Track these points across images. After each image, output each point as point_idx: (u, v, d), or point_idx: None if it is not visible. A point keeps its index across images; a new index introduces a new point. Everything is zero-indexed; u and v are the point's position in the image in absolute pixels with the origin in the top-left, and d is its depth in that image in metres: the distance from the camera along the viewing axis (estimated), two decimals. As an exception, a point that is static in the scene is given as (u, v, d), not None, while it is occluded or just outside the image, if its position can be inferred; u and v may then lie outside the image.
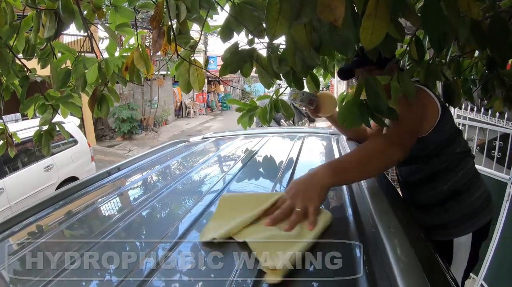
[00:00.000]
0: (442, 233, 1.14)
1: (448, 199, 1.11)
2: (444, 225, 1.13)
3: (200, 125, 12.56)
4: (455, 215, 1.11)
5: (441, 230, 1.14)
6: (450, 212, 1.12)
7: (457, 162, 1.11)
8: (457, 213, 1.11)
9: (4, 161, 3.64)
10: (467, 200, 1.11)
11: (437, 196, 1.12)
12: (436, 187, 1.12)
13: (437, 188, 1.12)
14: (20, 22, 0.98)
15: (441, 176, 1.11)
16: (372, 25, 0.53)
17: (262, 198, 0.75)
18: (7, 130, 1.18)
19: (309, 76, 1.09)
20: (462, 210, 1.11)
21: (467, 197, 1.11)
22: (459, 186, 1.10)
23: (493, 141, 2.52)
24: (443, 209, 1.12)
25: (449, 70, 1.12)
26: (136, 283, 0.55)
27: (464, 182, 1.11)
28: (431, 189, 1.13)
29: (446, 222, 1.13)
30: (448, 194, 1.11)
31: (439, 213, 1.13)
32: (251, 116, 1.25)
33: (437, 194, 1.12)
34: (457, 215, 1.11)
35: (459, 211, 1.11)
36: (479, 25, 0.74)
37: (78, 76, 1.05)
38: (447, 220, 1.13)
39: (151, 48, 0.82)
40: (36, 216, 0.95)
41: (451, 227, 1.12)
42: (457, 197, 1.11)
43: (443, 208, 1.12)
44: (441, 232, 1.14)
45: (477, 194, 1.12)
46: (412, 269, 0.52)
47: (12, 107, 3.14)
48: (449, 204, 1.11)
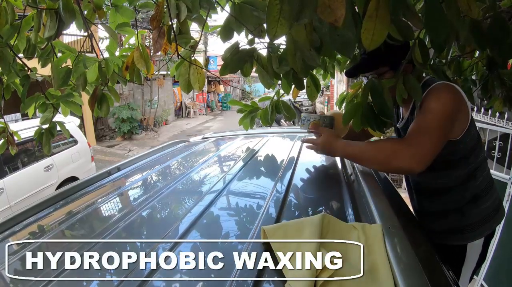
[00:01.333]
0: (459, 237, 1.09)
1: (468, 203, 1.05)
2: (460, 229, 1.08)
3: (200, 125, 12.56)
4: (473, 219, 1.06)
5: (457, 235, 1.09)
6: (467, 217, 1.06)
7: (480, 167, 1.05)
8: (475, 217, 1.06)
9: (4, 161, 3.64)
10: (485, 204, 1.06)
11: (458, 202, 1.06)
12: (458, 194, 1.05)
13: (459, 194, 1.05)
14: (21, 21, 0.98)
15: (465, 183, 1.04)
16: (373, 27, 0.53)
17: (307, 223, 0.67)
18: (7, 128, 1.18)
19: (309, 80, 1.08)
20: (480, 214, 1.06)
21: (485, 201, 1.06)
22: (480, 191, 1.05)
23: (493, 141, 2.52)
24: (461, 214, 1.06)
25: (449, 70, 1.12)
26: (136, 283, 0.55)
27: (484, 187, 1.06)
28: (452, 196, 1.06)
29: (463, 227, 1.07)
30: (469, 199, 1.05)
31: (457, 218, 1.07)
32: (252, 117, 1.25)
33: (458, 201, 1.06)
34: (475, 219, 1.06)
35: (477, 215, 1.06)
36: (479, 25, 0.74)
37: (78, 75, 1.05)
38: (464, 224, 1.07)
39: (151, 48, 0.82)
40: (36, 216, 0.95)
41: (468, 231, 1.08)
42: (476, 201, 1.05)
43: (461, 213, 1.06)
44: (457, 237, 1.09)
45: (494, 196, 1.09)
46: (412, 269, 0.52)
47: (12, 107, 3.14)
48: (467, 209, 1.06)
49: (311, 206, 0.92)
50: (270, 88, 1.11)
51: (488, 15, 0.77)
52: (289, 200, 0.90)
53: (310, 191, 1.02)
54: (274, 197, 0.91)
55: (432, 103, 0.90)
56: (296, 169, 1.11)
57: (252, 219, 0.77)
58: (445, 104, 0.89)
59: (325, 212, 0.89)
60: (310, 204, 0.94)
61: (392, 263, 0.53)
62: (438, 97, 0.90)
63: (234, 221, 0.83)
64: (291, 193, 0.96)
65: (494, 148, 2.45)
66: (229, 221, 0.82)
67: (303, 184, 1.04)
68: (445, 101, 0.89)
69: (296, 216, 0.84)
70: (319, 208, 0.92)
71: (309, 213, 0.87)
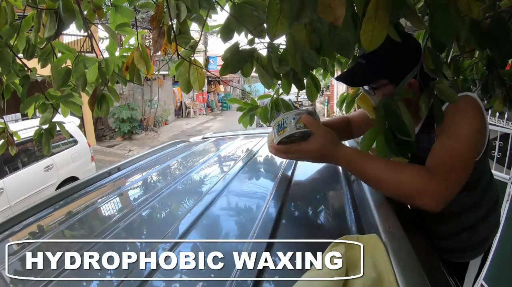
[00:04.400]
0: (466, 255, 1.03)
1: (480, 221, 0.98)
2: (469, 247, 1.01)
3: (200, 125, 12.56)
4: (482, 235, 1.01)
5: (467, 252, 1.02)
6: (478, 234, 1.00)
7: (490, 183, 0.98)
8: (484, 233, 1.01)
9: (4, 161, 3.64)
10: (494, 217, 1.01)
11: (472, 222, 0.98)
12: (473, 215, 0.96)
13: (474, 215, 0.96)
14: (21, 21, 0.98)
15: (479, 203, 0.95)
16: (372, 28, 0.53)
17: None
18: (7, 129, 1.18)
19: (309, 80, 1.08)
20: (488, 228, 1.01)
21: (495, 214, 1.01)
22: (490, 207, 0.99)
23: (493, 141, 2.52)
24: (473, 233, 0.99)
25: (449, 70, 1.12)
26: (136, 283, 0.55)
27: (494, 201, 1.00)
28: (467, 219, 0.97)
29: (474, 243, 1.01)
30: (482, 217, 0.97)
31: (469, 237, 0.99)
32: (252, 115, 1.25)
33: (473, 220, 0.98)
34: (484, 235, 1.01)
35: (485, 230, 1.01)
36: (479, 25, 0.74)
37: (78, 75, 1.05)
38: (474, 241, 1.00)
39: (151, 48, 0.82)
40: (36, 216, 0.95)
41: (474, 248, 1.02)
42: (487, 217, 0.99)
43: (472, 231, 0.99)
44: (463, 254, 1.03)
45: (498, 208, 1.04)
46: (412, 269, 0.52)
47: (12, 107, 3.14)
48: (479, 227, 0.99)
49: (311, 205, 0.92)
50: (270, 88, 1.11)
51: (488, 15, 0.77)
52: (289, 200, 0.90)
53: (310, 190, 1.02)
54: (274, 197, 0.91)
55: (458, 124, 0.76)
56: (296, 169, 1.11)
57: (252, 219, 0.77)
58: (472, 125, 0.75)
59: (325, 211, 0.89)
60: (310, 204, 0.94)
61: (392, 263, 0.53)
62: (465, 115, 0.76)
63: (234, 221, 0.83)
64: (291, 192, 0.96)
65: (494, 148, 2.46)
66: (229, 221, 0.82)
67: (303, 183, 1.04)
68: (472, 122, 0.76)
69: (296, 216, 0.84)
70: (319, 207, 0.92)
71: (309, 212, 0.87)
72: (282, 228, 0.73)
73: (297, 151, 0.78)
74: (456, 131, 0.75)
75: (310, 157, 0.78)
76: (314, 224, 0.80)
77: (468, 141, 0.75)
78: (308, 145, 0.76)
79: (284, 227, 0.74)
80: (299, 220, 0.82)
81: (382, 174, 0.73)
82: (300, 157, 0.82)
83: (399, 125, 0.68)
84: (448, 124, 0.77)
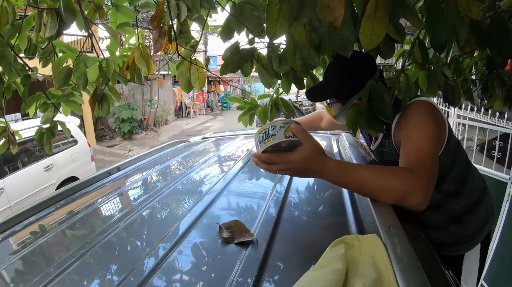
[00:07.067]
0: (460, 248, 1.06)
1: (466, 213, 1.02)
2: (458, 241, 1.05)
3: (200, 125, 12.56)
4: (473, 229, 1.04)
5: (458, 245, 1.06)
6: (468, 226, 1.03)
7: (468, 174, 1.02)
8: (474, 225, 1.04)
9: (4, 161, 3.64)
10: (484, 208, 1.04)
11: (456, 212, 1.02)
12: (455, 205, 1.01)
13: (456, 205, 1.01)
14: (22, 21, 0.98)
15: (456, 192, 1.00)
16: (371, 27, 0.53)
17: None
18: (8, 128, 1.18)
19: (309, 79, 1.08)
20: (478, 221, 1.04)
21: (483, 206, 1.04)
22: (476, 198, 1.03)
23: (493, 141, 2.52)
24: (460, 225, 1.03)
25: (449, 70, 1.12)
26: (136, 283, 0.55)
27: (479, 192, 1.04)
28: (448, 210, 1.02)
29: (463, 237, 1.05)
30: (466, 209, 1.02)
31: (457, 230, 1.04)
32: (251, 114, 1.25)
33: (456, 211, 1.02)
34: (475, 228, 1.04)
35: (476, 223, 1.04)
36: (479, 25, 0.74)
37: (79, 75, 1.05)
38: (466, 234, 1.04)
39: (152, 48, 0.82)
40: (36, 216, 0.95)
41: (466, 240, 1.05)
42: (474, 208, 1.03)
43: (460, 224, 1.03)
44: (456, 248, 1.06)
45: (489, 200, 1.07)
46: (412, 269, 0.52)
47: (12, 107, 3.14)
48: (467, 219, 1.03)
49: (311, 205, 0.92)
50: (270, 88, 1.11)
51: (488, 15, 0.77)
52: (289, 200, 0.90)
53: (310, 190, 1.02)
54: (274, 197, 0.91)
55: (417, 129, 0.83)
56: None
57: (252, 219, 0.77)
58: (428, 125, 0.83)
59: (325, 211, 0.89)
60: (310, 204, 0.94)
61: (392, 263, 0.53)
62: (419, 120, 0.84)
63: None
64: (291, 192, 0.96)
65: (494, 148, 2.46)
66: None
67: (303, 183, 1.04)
68: (427, 123, 0.83)
69: (296, 216, 0.84)
70: (319, 207, 0.92)
71: (309, 212, 0.87)
72: (282, 228, 0.74)
73: (280, 161, 0.73)
74: (418, 134, 0.83)
75: (293, 168, 0.73)
76: (314, 224, 0.80)
77: (430, 140, 0.81)
78: (294, 155, 0.72)
79: (284, 227, 0.74)
80: (299, 220, 0.83)
81: (369, 181, 0.74)
82: (281, 169, 0.74)
83: (383, 108, 0.73)
84: (408, 128, 0.85)
